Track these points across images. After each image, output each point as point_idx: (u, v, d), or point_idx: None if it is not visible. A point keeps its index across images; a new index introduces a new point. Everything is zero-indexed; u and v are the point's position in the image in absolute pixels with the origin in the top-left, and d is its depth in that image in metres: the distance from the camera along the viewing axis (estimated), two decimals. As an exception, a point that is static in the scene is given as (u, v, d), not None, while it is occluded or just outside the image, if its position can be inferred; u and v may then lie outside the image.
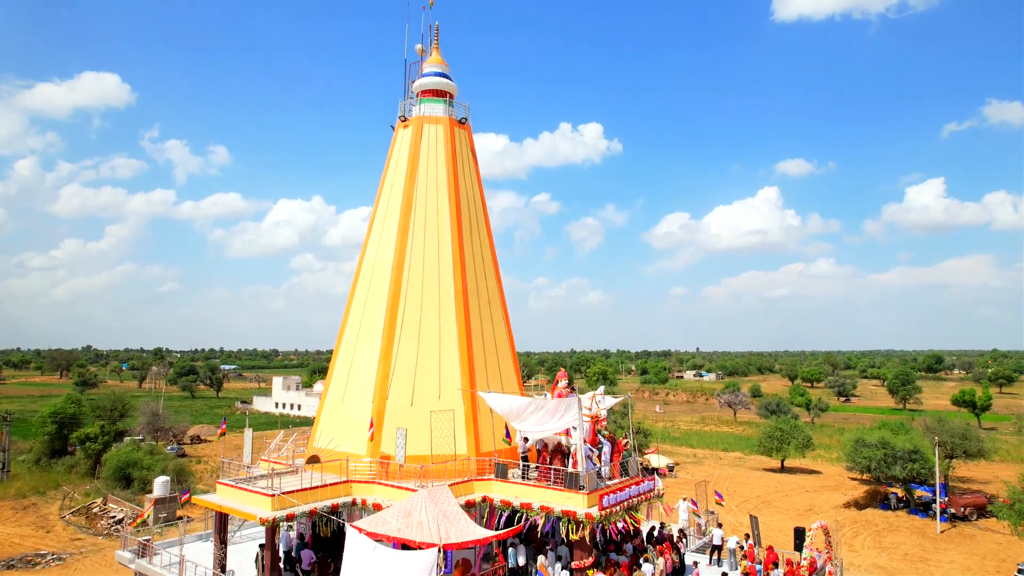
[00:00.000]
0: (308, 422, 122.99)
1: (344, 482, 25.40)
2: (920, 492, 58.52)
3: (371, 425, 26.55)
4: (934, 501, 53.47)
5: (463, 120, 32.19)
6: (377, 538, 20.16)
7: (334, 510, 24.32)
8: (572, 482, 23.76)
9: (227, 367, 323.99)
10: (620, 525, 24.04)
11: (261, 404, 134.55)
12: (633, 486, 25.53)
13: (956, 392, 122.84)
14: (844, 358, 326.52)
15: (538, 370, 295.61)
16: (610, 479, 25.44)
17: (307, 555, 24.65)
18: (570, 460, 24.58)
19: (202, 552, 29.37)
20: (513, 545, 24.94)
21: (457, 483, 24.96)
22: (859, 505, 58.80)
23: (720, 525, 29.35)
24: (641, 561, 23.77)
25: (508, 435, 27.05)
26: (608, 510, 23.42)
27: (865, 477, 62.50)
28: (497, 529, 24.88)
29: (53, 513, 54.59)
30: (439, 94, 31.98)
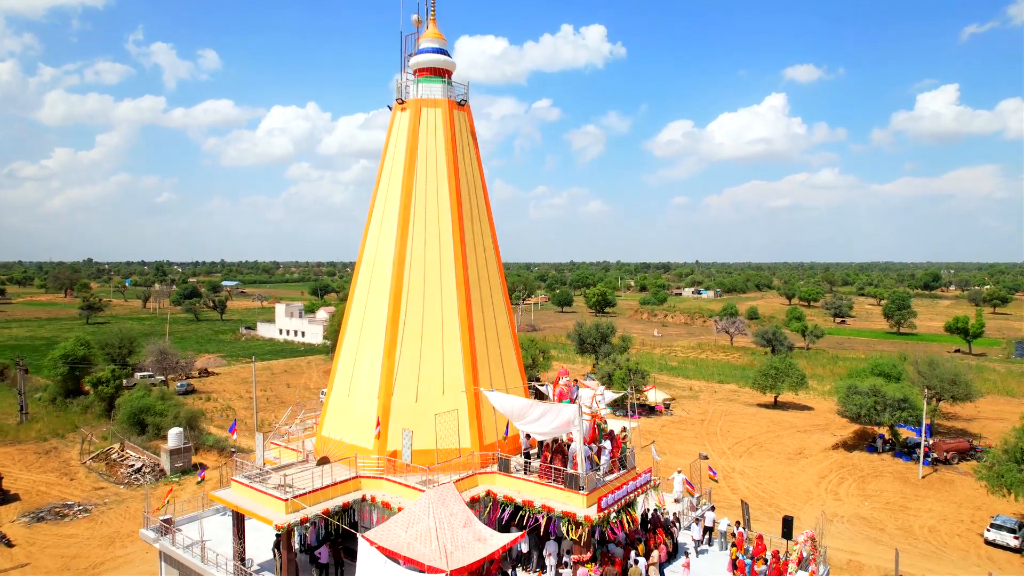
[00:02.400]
0: (313, 350, 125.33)
1: (353, 478, 26.43)
2: (906, 432, 60.78)
3: (377, 423, 27.30)
4: (919, 444, 55.67)
5: (462, 102, 30.91)
6: (387, 554, 21.26)
7: (345, 508, 25.49)
8: (572, 483, 24.77)
9: (228, 283, 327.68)
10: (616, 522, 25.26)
11: (265, 331, 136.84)
12: (631, 482, 26.59)
13: (950, 319, 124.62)
14: (842, 274, 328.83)
15: (537, 287, 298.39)
16: (609, 473, 26.46)
17: (324, 551, 25.99)
18: (570, 460, 25.48)
19: (222, 528, 31.00)
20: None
21: (462, 478, 26.02)
22: (847, 446, 61.21)
23: (713, 508, 30.79)
24: (633, 560, 25.12)
25: (507, 431, 27.84)
26: (607, 511, 24.54)
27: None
28: (500, 523, 26.24)
29: (74, 458, 56.97)
30: (437, 72, 30.53)
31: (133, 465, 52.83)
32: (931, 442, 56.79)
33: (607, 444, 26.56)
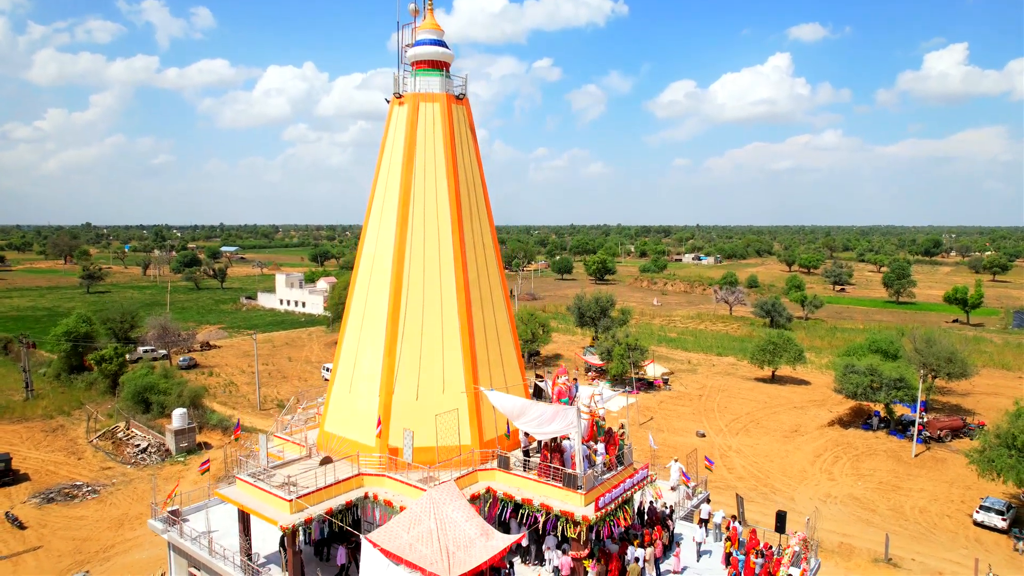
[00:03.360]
0: (313, 321, 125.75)
1: (356, 475, 26.94)
2: (902, 409, 61.48)
3: (379, 423, 27.68)
4: (913, 423, 56.46)
5: (461, 96, 30.44)
6: (391, 557, 21.83)
7: (348, 506, 26.05)
8: (570, 482, 25.25)
9: (228, 249, 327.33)
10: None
11: (265, 300, 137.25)
12: (627, 479, 27.07)
13: (949, 289, 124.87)
14: (843, 239, 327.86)
15: (537, 252, 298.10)
16: (607, 471, 26.93)
17: (341, 552, 26.59)
18: (568, 460, 25.91)
19: (227, 517, 31.64)
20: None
21: (462, 476, 26.52)
22: (843, 423, 62.06)
23: (709, 500, 31.44)
24: (632, 557, 25.79)
25: (508, 429, 28.26)
26: (604, 509, 25.08)
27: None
28: (500, 519, 26.88)
29: (81, 436, 57.83)
30: (435, 65, 30.00)
31: (139, 445, 53.67)
32: (925, 420, 57.54)
33: (600, 447, 26.88)
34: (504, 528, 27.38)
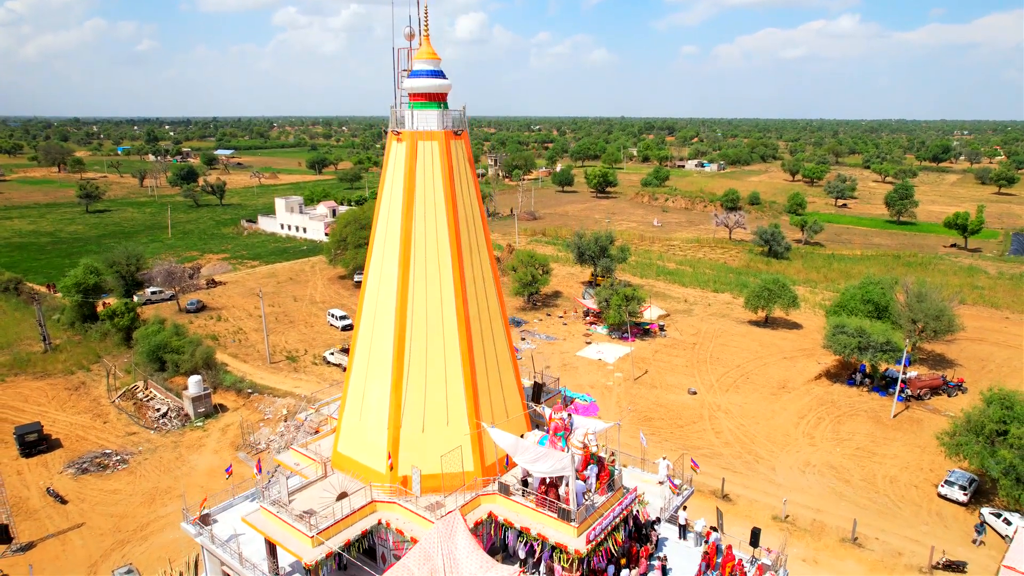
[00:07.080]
0: (315, 248, 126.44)
1: (369, 503, 29.49)
2: (887, 365, 64.01)
3: (388, 456, 29.83)
4: (896, 380, 59.22)
5: (458, 131, 30.06)
6: (403, 602, 24.65)
7: (363, 535, 28.75)
8: (565, 515, 27.78)
9: (223, 152, 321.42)
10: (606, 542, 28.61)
11: (266, 224, 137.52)
12: (617, 506, 29.60)
13: (950, 215, 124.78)
14: (849, 142, 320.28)
15: (538, 155, 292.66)
16: (596, 495, 29.40)
17: None
18: (562, 494, 28.29)
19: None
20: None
21: (466, 502, 29.06)
22: (830, 375, 64.93)
23: (685, 508, 34.29)
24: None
25: (508, 461, 30.42)
26: (595, 541, 27.75)
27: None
28: (503, 540, 29.68)
29: (103, 396, 60.87)
30: (433, 98, 29.45)
31: (159, 409, 56.70)
32: (907, 377, 60.17)
33: (592, 473, 29.11)
34: (507, 549, 30.24)
